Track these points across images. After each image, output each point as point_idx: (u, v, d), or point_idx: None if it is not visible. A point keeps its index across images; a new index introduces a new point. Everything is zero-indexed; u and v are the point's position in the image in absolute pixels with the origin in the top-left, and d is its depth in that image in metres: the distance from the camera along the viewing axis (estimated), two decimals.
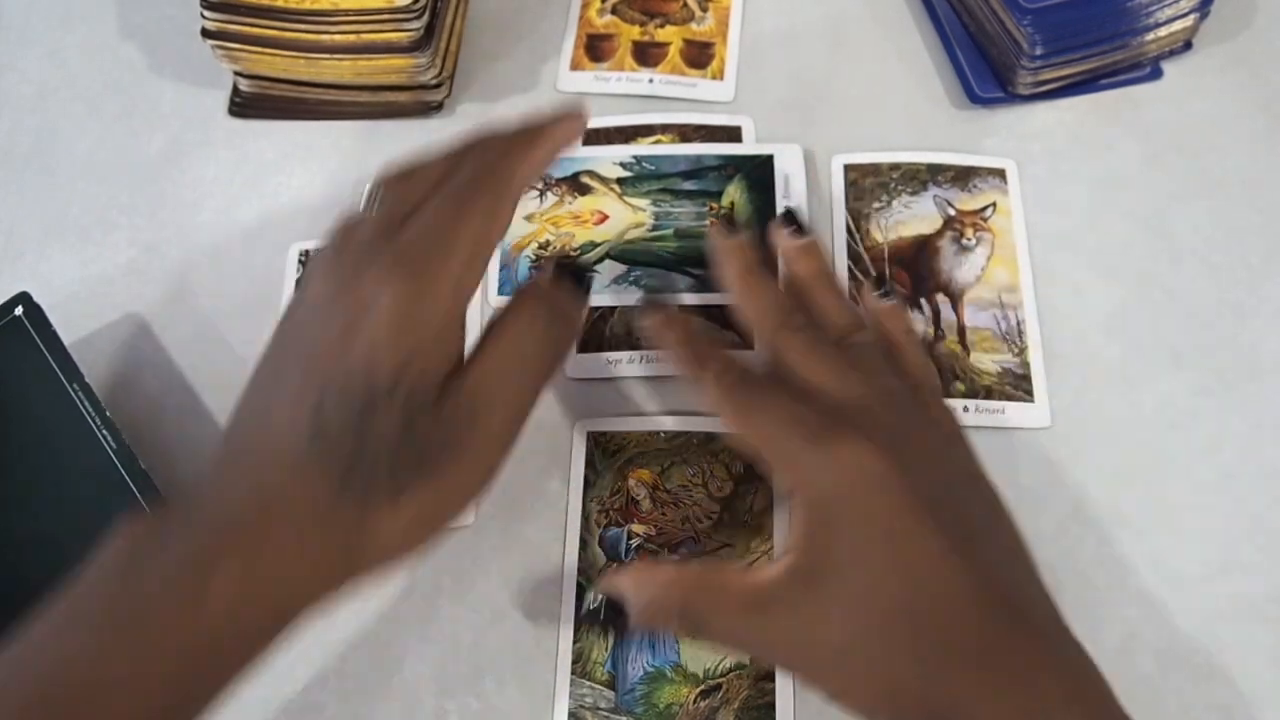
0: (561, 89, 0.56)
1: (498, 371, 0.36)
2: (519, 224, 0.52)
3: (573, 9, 0.58)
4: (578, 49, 0.57)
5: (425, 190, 0.36)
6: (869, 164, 0.53)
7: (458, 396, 0.35)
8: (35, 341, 0.44)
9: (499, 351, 0.36)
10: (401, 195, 0.36)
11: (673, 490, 0.45)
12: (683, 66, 0.56)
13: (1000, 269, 0.49)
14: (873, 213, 0.51)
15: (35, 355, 0.44)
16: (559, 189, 0.52)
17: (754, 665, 0.42)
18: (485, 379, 0.36)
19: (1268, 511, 0.44)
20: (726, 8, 0.58)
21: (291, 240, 0.53)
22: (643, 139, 0.54)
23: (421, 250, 0.34)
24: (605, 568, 0.44)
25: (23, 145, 0.57)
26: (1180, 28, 0.53)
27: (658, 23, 0.58)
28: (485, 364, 0.36)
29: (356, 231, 0.36)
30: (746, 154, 0.53)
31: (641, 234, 0.51)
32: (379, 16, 0.51)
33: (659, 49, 0.57)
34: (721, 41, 0.57)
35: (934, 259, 0.50)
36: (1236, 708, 0.41)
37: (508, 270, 0.51)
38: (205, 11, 0.52)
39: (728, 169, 0.52)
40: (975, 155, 0.52)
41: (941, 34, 0.56)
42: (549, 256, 0.50)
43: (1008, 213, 0.51)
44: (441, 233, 0.35)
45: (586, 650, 0.43)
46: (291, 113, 0.56)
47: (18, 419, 0.43)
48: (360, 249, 0.35)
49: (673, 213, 0.51)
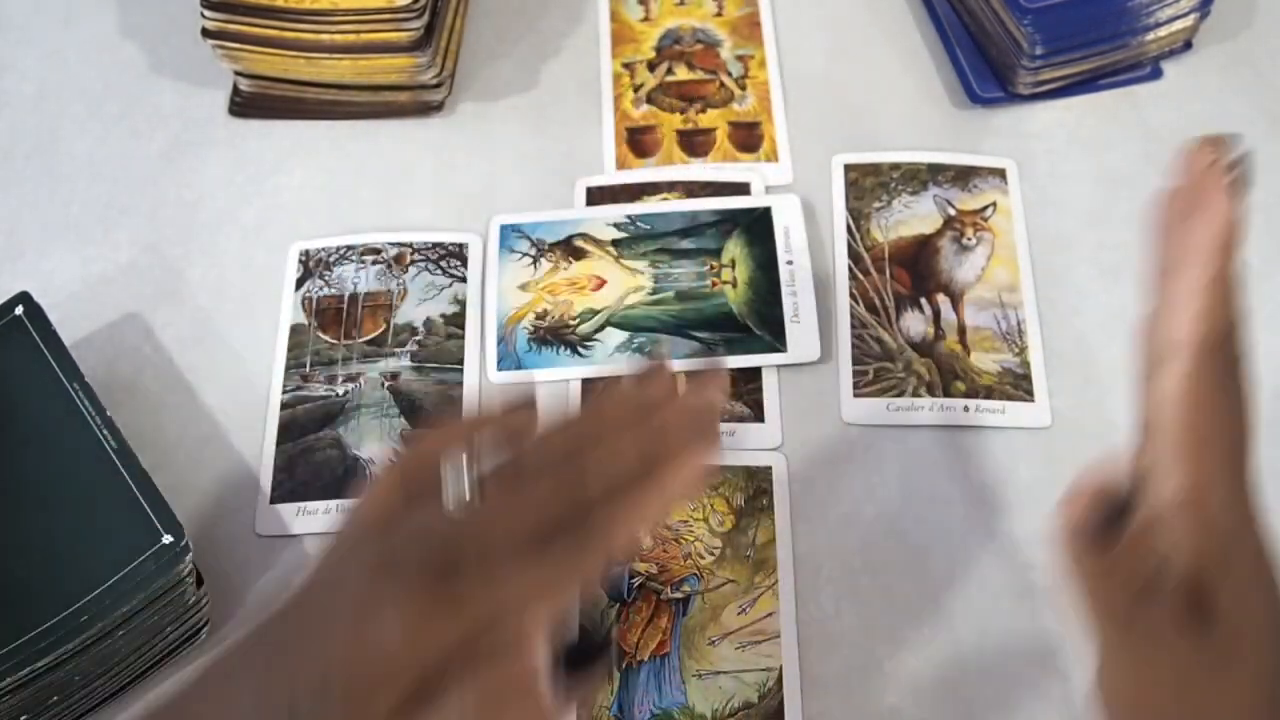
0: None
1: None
2: (513, 294, 0.50)
3: (605, 102, 0.56)
4: (620, 145, 0.54)
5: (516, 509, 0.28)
6: (869, 164, 0.53)
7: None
8: (35, 341, 0.44)
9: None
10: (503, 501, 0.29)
11: (673, 526, 0.45)
12: (734, 152, 0.54)
13: (1000, 269, 0.49)
14: (873, 212, 0.51)
15: (35, 355, 0.44)
16: (553, 255, 0.51)
17: (762, 705, 0.41)
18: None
19: (1268, 511, 0.44)
20: (765, 83, 0.56)
21: (291, 240, 0.53)
22: (648, 197, 0.53)
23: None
24: (608, 607, 0.43)
25: (23, 145, 0.57)
26: (1180, 28, 0.53)
27: (698, 108, 0.55)
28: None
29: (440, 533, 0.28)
30: (744, 207, 0.52)
31: (642, 298, 0.50)
32: (379, 16, 0.51)
33: (705, 136, 0.54)
34: (768, 120, 0.55)
35: (934, 259, 0.50)
36: None
37: (504, 344, 0.49)
38: (205, 11, 0.52)
39: (725, 225, 0.51)
40: (976, 155, 0.52)
41: (942, 34, 0.56)
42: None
43: (1008, 212, 0.51)
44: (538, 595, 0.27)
45: (590, 697, 0.42)
46: (291, 113, 0.56)
47: (18, 419, 0.42)
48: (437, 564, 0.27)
49: (672, 274, 0.50)
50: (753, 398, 0.47)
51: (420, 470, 0.30)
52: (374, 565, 0.27)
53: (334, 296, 0.51)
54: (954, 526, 0.44)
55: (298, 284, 0.52)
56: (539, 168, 0.54)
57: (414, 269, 0.51)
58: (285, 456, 0.47)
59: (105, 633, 0.38)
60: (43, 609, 0.38)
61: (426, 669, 0.26)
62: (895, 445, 0.46)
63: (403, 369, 0.49)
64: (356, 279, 0.51)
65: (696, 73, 0.56)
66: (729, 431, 0.46)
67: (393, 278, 0.51)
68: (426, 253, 0.52)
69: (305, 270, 0.52)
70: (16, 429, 0.42)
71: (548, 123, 0.55)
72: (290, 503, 0.46)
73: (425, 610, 0.26)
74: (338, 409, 0.48)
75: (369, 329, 0.50)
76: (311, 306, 0.51)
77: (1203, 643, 0.29)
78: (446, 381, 0.49)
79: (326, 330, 0.50)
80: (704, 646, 0.42)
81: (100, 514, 0.40)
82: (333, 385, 0.49)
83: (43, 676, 0.38)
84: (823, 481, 0.46)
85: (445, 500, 0.29)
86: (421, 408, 0.48)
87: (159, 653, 0.41)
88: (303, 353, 0.50)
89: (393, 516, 0.29)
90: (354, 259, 0.52)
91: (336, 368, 0.49)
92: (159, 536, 0.39)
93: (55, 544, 0.40)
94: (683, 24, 0.58)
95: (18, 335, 0.44)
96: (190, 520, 0.42)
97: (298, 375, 0.49)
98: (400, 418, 0.48)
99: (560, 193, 0.53)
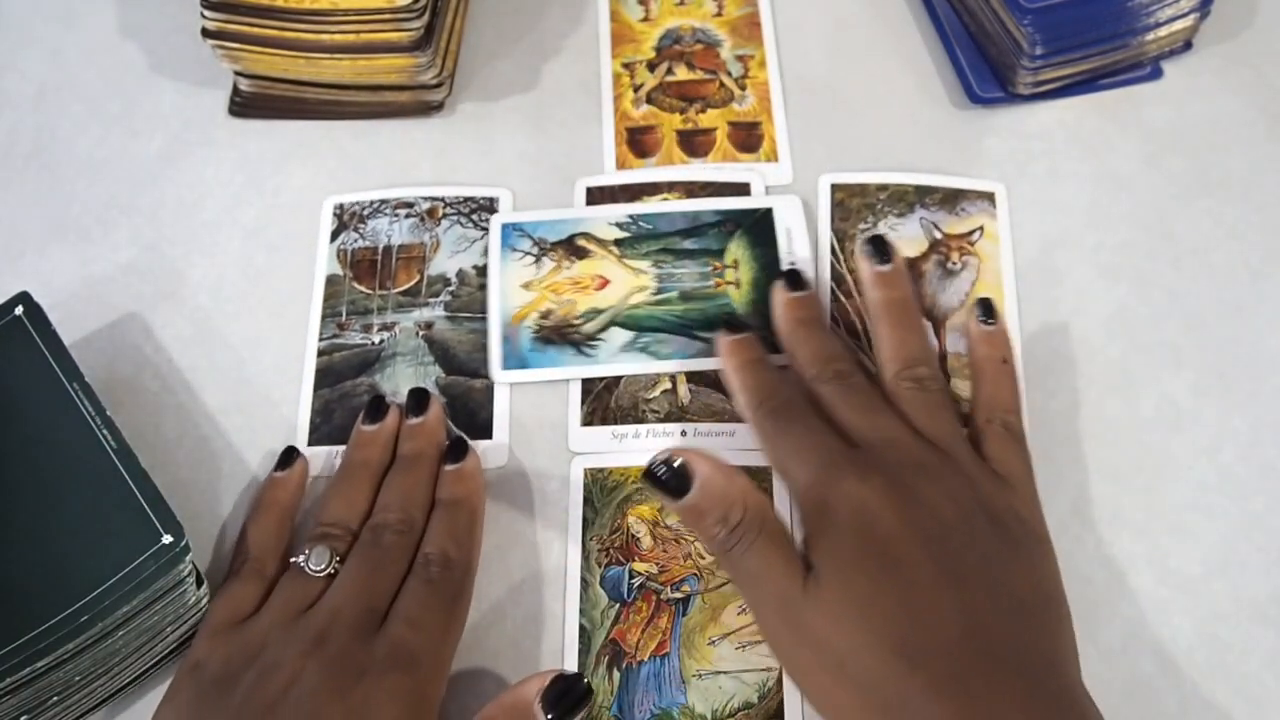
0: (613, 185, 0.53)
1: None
2: (517, 293, 0.50)
3: (605, 102, 0.56)
4: (620, 145, 0.54)
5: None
6: (855, 184, 0.52)
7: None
8: (35, 341, 0.44)
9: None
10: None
11: (673, 526, 0.45)
12: (734, 152, 0.54)
13: (985, 294, 0.49)
14: (858, 233, 0.51)
15: (35, 355, 0.44)
16: (555, 254, 0.51)
17: (762, 705, 0.41)
18: None
19: (1268, 511, 0.44)
20: (765, 83, 0.56)
21: (291, 240, 0.53)
22: (648, 197, 0.52)
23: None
24: (608, 609, 0.43)
25: (23, 145, 0.57)
26: (1180, 28, 0.53)
27: (698, 107, 0.55)
28: None
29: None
30: (745, 208, 0.51)
31: (646, 298, 0.50)
32: (379, 16, 0.51)
33: (705, 136, 0.54)
34: (768, 120, 0.55)
35: (918, 282, 0.49)
36: (1236, 708, 0.41)
37: (510, 343, 0.49)
38: (205, 11, 0.52)
39: (727, 225, 0.51)
40: (966, 177, 0.52)
41: (941, 34, 0.56)
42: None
43: (995, 237, 0.50)
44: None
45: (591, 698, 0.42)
46: (291, 113, 0.56)
47: (17, 419, 0.43)
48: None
49: (675, 274, 0.50)
50: None
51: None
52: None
53: (368, 248, 0.52)
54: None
55: (333, 236, 0.53)
56: (539, 168, 0.54)
57: (446, 222, 0.53)
58: (322, 401, 0.48)
59: (105, 633, 0.38)
60: (43, 609, 0.38)
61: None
62: None
63: (437, 318, 0.50)
64: (390, 231, 0.52)
65: (696, 73, 0.56)
66: (729, 432, 0.46)
67: (425, 230, 0.52)
68: (458, 206, 0.53)
69: (340, 223, 0.53)
70: (16, 429, 0.42)
71: (548, 123, 0.55)
72: (325, 446, 0.48)
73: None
74: (374, 357, 0.49)
75: (403, 280, 0.51)
76: (346, 258, 0.52)
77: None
78: (479, 331, 0.50)
79: (361, 281, 0.51)
80: (704, 647, 0.42)
81: (100, 514, 0.40)
82: (368, 334, 0.50)
83: (43, 676, 0.38)
84: None
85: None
86: (455, 356, 0.49)
87: (159, 653, 0.41)
88: (338, 302, 0.51)
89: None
90: (387, 212, 0.53)
91: (372, 317, 0.50)
92: (159, 536, 0.39)
93: (55, 544, 0.40)
94: (683, 24, 0.58)
95: (17, 335, 0.44)
96: (190, 520, 0.42)
97: (334, 324, 0.50)
98: (435, 365, 0.49)
99: (560, 193, 0.53)
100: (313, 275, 0.52)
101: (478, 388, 0.48)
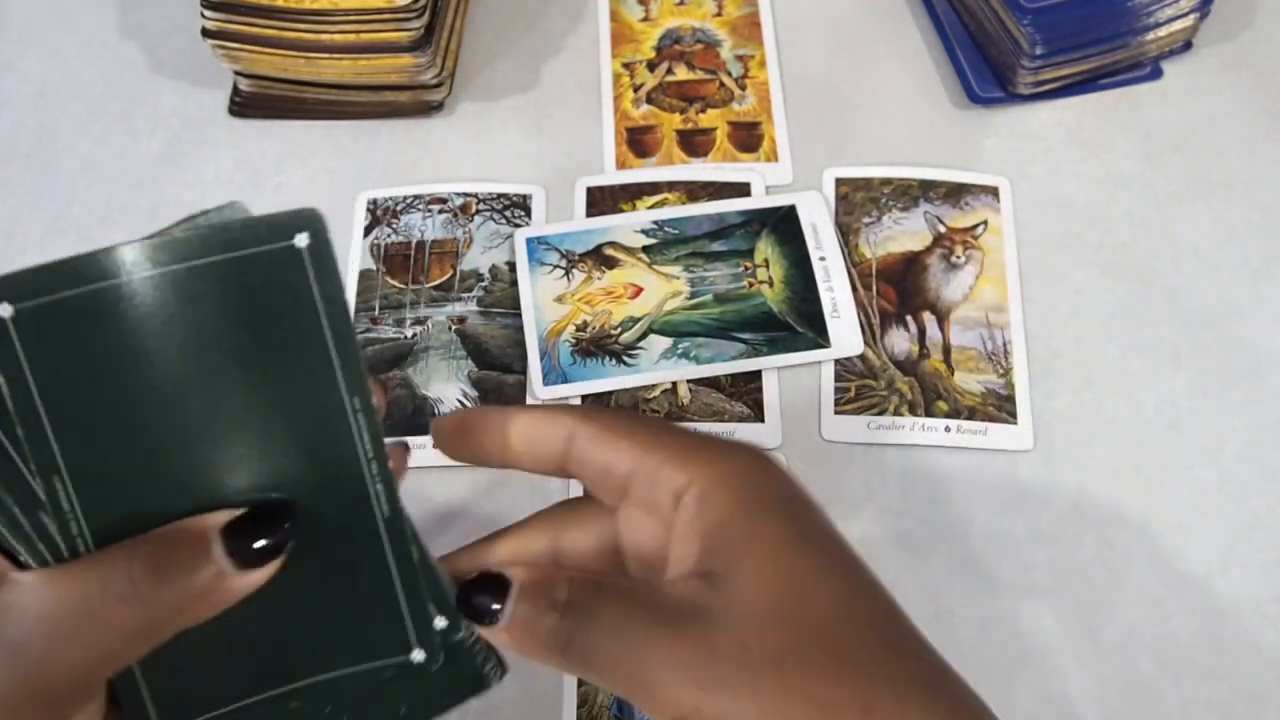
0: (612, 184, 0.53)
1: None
2: (550, 307, 0.50)
3: (605, 102, 0.56)
4: (620, 145, 0.54)
5: None
6: (860, 178, 0.52)
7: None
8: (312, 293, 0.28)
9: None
10: None
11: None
12: (734, 152, 0.54)
13: (989, 288, 0.49)
14: (862, 227, 0.51)
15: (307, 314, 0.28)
16: (584, 265, 0.51)
17: None
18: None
19: (1268, 511, 0.44)
20: (765, 83, 0.56)
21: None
22: (647, 198, 0.53)
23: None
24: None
25: (23, 145, 0.57)
26: (1180, 28, 0.53)
27: (698, 107, 0.55)
28: None
29: None
30: (768, 206, 0.51)
31: (681, 303, 0.49)
32: (379, 16, 0.51)
33: (705, 136, 0.54)
34: (768, 120, 0.55)
35: (922, 276, 0.50)
36: (1236, 708, 0.41)
37: (548, 359, 0.49)
38: (205, 11, 0.52)
39: (753, 224, 0.51)
40: (972, 166, 0.52)
41: (941, 34, 0.56)
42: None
43: (999, 231, 0.51)
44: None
45: (591, 695, 0.42)
46: (291, 113, 0.56)
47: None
48: None
49: (707, 276, 0.50)
50: (752, 398, 0.48)
51: None
52: None
53: (401, 243, 0.52)
54: (934, 551, 0.45)
55: (366, 231, 0.53)
56: (539, 168, 0.54)
57: (479, 218, 0.53)
58: None
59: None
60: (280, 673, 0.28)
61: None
62: (873, 464, 0.46)
63: (469, 313, 0.51)
64: (424, 227, 0.53)
65: (696, 73, 0.56)
66: (729, 432, 0.46)
67: (458, 226, 0.53)
68: (491, 203, 0.53)
69: (374, 218, 0.53)
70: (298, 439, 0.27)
71: (548, 122, 0.55)
72: None
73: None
74: (406, 350, 0.50)
75: (436, 275, 0.52)
76: (379, 253, 0.52)
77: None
78: (511, 326, 0.50)
79: (394, 275, 0.52)
80: None
81: (356, 589, 0.28)
82: (401, 328, 0.50)
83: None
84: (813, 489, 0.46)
85: None
86: (488, 351, 0.50)
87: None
88: (371, 296, 0.51)
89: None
90: (420, 208, 0.53)
91: (405, 311, 0.51)
92: (409, 648, 0.29)
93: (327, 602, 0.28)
94: (683, 24, 0.58)
95: (294, 272, 0.28)
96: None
97: (366, 318, 0.51)
98: (467, 359, 0.49)
99: (560, 193, 0.53)
100: (345, 269, 0.51)
101: (510, 383, 0.49)
